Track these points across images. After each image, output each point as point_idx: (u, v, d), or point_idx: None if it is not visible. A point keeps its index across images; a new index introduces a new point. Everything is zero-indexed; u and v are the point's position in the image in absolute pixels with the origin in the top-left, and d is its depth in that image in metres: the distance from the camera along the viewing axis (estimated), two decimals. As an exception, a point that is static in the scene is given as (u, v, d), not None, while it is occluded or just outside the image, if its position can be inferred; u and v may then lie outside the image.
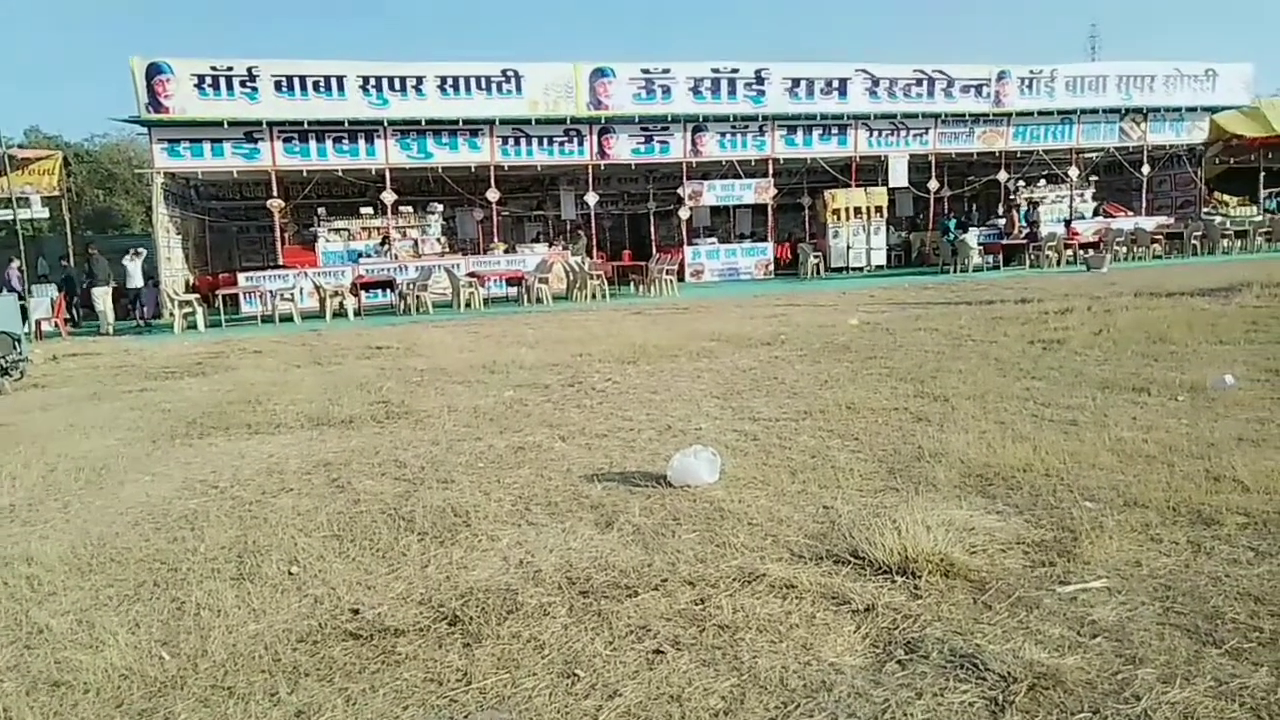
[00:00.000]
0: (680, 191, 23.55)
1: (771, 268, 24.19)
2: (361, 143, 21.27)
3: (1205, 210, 26.99)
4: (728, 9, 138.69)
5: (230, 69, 19.82)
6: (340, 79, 20.54)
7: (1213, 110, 26.66)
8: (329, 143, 21.04)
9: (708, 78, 22.33)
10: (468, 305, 18.45)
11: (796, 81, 23.00)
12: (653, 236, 27.13)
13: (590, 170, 22.76)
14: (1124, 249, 23.19)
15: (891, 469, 4.68)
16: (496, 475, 4.97)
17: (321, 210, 23.24)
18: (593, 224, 24.03)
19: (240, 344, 13.43)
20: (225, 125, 20.06)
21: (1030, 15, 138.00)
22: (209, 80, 19.67)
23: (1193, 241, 23.78)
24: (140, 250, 20.02)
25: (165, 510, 4.67)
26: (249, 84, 19.95)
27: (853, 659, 2.70)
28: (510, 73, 21.29)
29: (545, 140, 22.11)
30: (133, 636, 3.10)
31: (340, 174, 22.07)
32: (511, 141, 21.97)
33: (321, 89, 20.46)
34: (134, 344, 15.16)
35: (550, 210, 28.00)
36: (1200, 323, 9.41)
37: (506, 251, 22.59)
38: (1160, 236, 24.33)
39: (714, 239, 25.79)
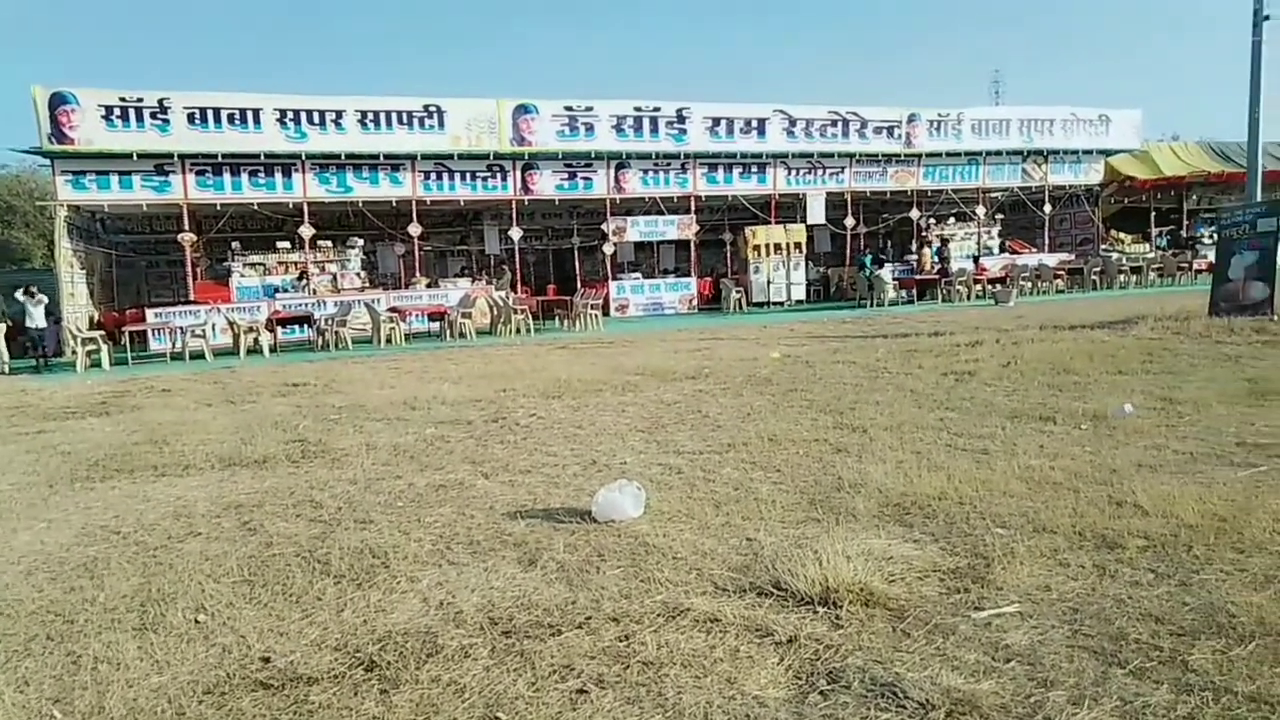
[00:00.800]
0: (604, 227, 23.72)
1: (695, 302, 24.48)
2: (278, 176, 20.84)
3: (1103, 247, 28.43)
4: (648, 54, 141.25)
5: (140, 100, 19.24)
6: (256, 112, 20.14)
7: (1107, 153, 28.20)
8: (244, 176, 20.56)
9: (630, 115, 22.66)
10: (388, 341, 18.13)
11: (717, 121, 23.52)
12: (577, 271, 27.19)
13: (514, 205, 22.77)
14: (1029, 284, 24.22)
15: (813, 500, 4.75)
16: (417, 514, 4.86)
17: (236, 244, 22.62)
18: (517, 259, 23.98)
19: (148, 382, 12.91)
20: (135, 158, 19.43)
21: (938, 61, 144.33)
22: (117, 111, 19.05)
23: (1092, 277, 24.99)
24: (37, 294, 18.72)
25: (62, 558, 4.42)
26: (160, 115, 19.39)
27: (776, 691, 2.71)
28: (432, 108, 21.21)
29: (468, 175, 22.04)
30: (21, 695, 2.91)
31: (256, 207, 21.57)
32: (434, 176, 21.83)
33: (236, 121, 20.02)
34: (32, 383, 14.41)
35: (474, 245, 27.84)
36: (1100, 354, 9.86)
37: (429, 286, 22.34)
38: (1062, 272, 25.50)
39: (638, 274, 26.02)
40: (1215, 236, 17.38)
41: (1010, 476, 4.97)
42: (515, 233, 22.96)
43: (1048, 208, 27.63)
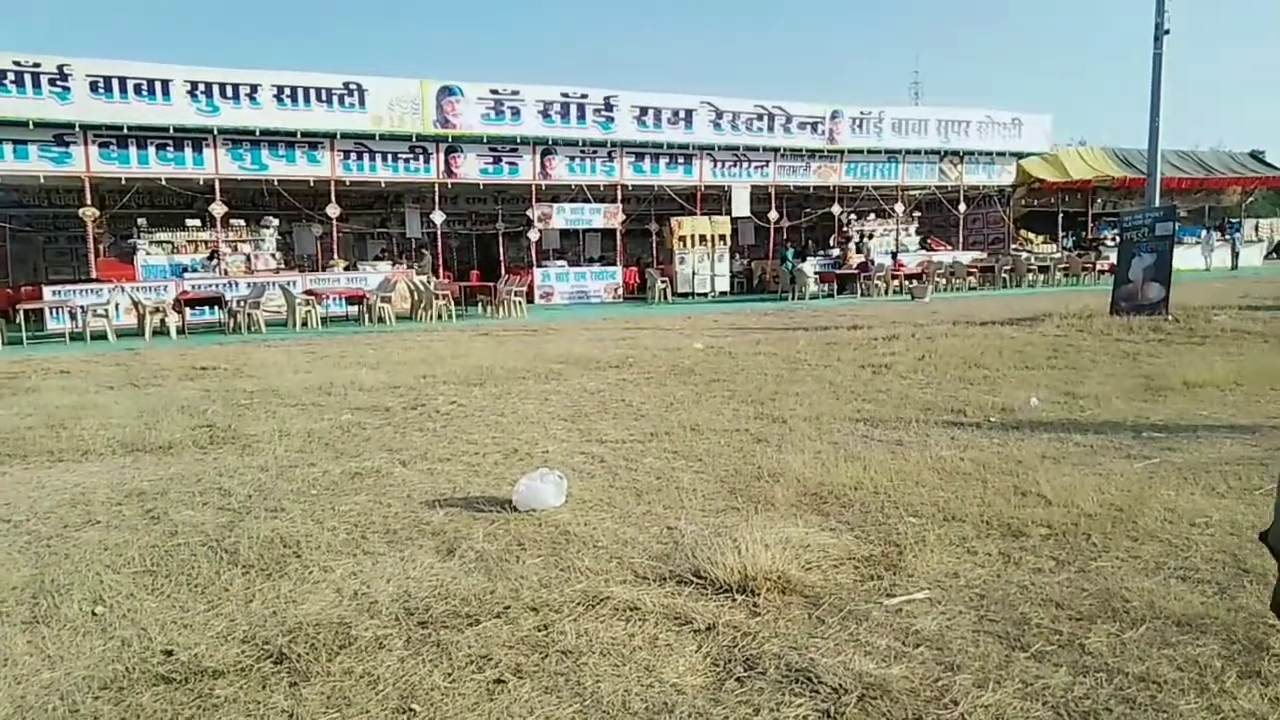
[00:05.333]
0: (529, 213, 23.49)
1: (620, 292, 24.48)
2: (188, 150, 19.97)
3: (1013, 247, 29.47)
4: (581, 38, 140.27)
5: (38, 65, 18.18)
6: (165, 83, 19.25)
7: (1019, 156, 29.21)
8: (151, 149, 19.64)
9: (558, 102, 22.47)
10: (304, 324, 17.63)
11: (644, 110, 23.50)
12: (501, 257, 26.89)
13: (437, 188, 22.36)
14: (944, 280, 24.97)
15: (733, 489, 4.80)
16: (331, 503, 4.74)
17: (142, 221, 21.59)
18: (439, 243, 23.57)
19: (44, 363, 12.25)
20: (31, 126, 18.36)
21: (860, 59, 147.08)
22: (11, 77, 17.97)
23: (1003, 275, 25.90)
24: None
25: (-56, 549, 4.16)
26: (60, 83, 18.36)
27: (694, 679, 2.73)
28: (353, 86, 20.64)
29: (390, 156, 21.54)
30: (-103, 694, 2.73)
31: (164, 183, 20.62)
32: (354, 156, 21.26)
33: (144, 92, 19.10)
34: (-87, 363, 13.53)
35: (395, 228, 27.25)
36: (1009, 349, 10.23)
37: (347, 269, 21.78)
38: (975, 269, 26.34)
39: (564, 262, 25.87)
40: (1117, 239, 18.20)
41: (923, 467, 5.11)
42: (438, 216, 22.56)
43: (963, 207, 28.49)
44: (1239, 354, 9.51)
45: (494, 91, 21.87)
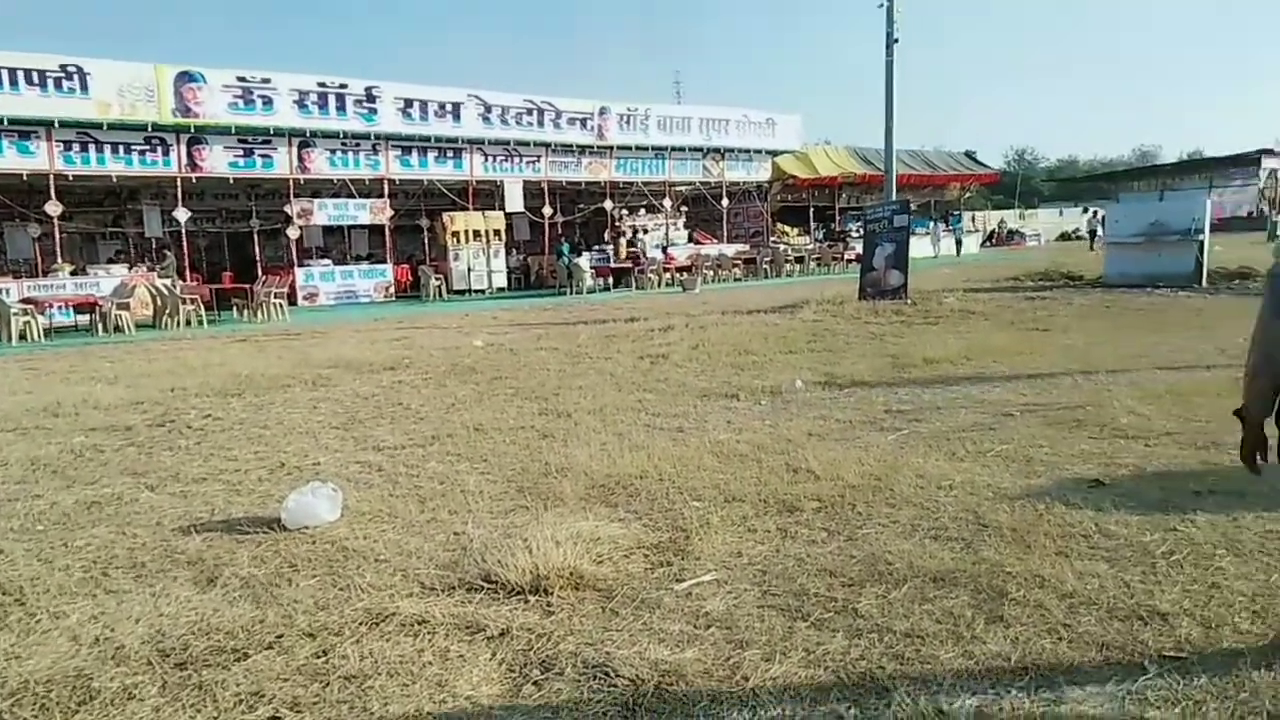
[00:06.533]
0: (288, 209, 21.97)
1: (392, 290, 23.53)
2: None
3: (772, 239, 31.41)
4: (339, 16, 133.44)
5: None
6: None
7: (774, 153, 31.14)
8: None
9: (314, 91, 21.14)
10: (22, 337, 15.46)
11: (409, 102, 22.67)
12: (258, 257, 24.99)
13: (179, 183, 20.33)
14: (712, 272, 26.14)
15: (521, 488, 4.72)
16: (62, 538, 4.16)
17: None
18: (184, 243, 21.47)
19: None
20: None
21: (626, 58, 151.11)
22: None
23: (764, 266, 27.54)
24: None
25: None
26: None
27: (489, 688, 2.64)
28: (72, 68, 18.28)
29: (122, 148, 19.30)
30: None
31: None
32: (77, 147, 18.86)
33: None
34: None
35: (131, 227, 24.55)
36: (774, 336, 10.87)
37: (74, 274, 19.32)
38: (739, 261, 27.82)
39: (329, 260, 24.48)
40: (861, 231, 19.87)
41: (703, 451, 5.29)
42: (181, 213, 20.53)
43: (725, 202, 29.96)
44: (967, 332, 10.67)
45: (241, 79, 20.22)
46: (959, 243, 35.99)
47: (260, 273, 22.05)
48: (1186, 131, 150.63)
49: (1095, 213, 36.23)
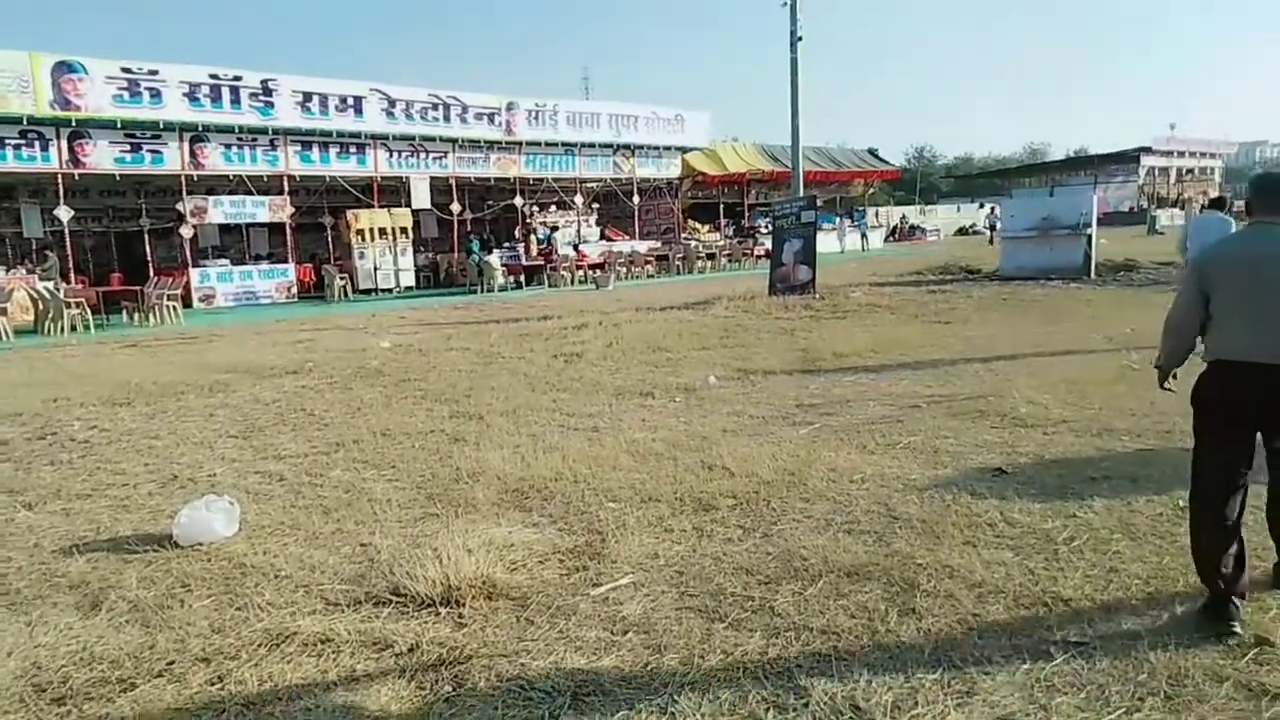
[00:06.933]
0: (180, 207, 20.94)
1: (295, 290, 22.69)
2: None
3: (684, 235, 31.60)
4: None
5: None
6: None
7: (683, 150, 31.29)
8: None
9: (206, 84, 20.17)
10: (-116, 346, 14.33)
11: (309, 96, 21.86)
12: (149, 258, 23.76)
13: (60, 180, 19.16)
14: (624, 269, 26.12)
15: (431, 495, 4.58)
16: (-74, 566, 3.83)
17: None
18: (68, 243, 20.25)
19: None
20: None
21: (532, 54, 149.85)
22: None
23: (676, 262, 27.67)
24: None
25: None
26: None
27: (399, 706, 2.53)
28: (-67, 55, 17.03)
29: (-6, 142, 18.09)
30: None
31: None
32: (-59, 141, 17.60)
33: None
34: None
35: (8, 227, 23.04)
36: (687, 332, 10.90)
37: (-57, 277, 18.03)
38: (652, 258, 27.88)
39: (226, 260, 23.46)
40: (770, 227, 20.13)
41: (619, 451, 5.23)
42: (63, 212, 19.33)
43: (636, 198, 29.97)
44: (874, 326, 10.91)
45: (126, 70, 19.13)
46: (865, 237, 36.91)
47: (152, 274, 21.02)
48: (1073, 129, 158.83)
49: (993, 208, 37.69)
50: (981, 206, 48.59)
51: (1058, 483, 4.29)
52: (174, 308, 17.43)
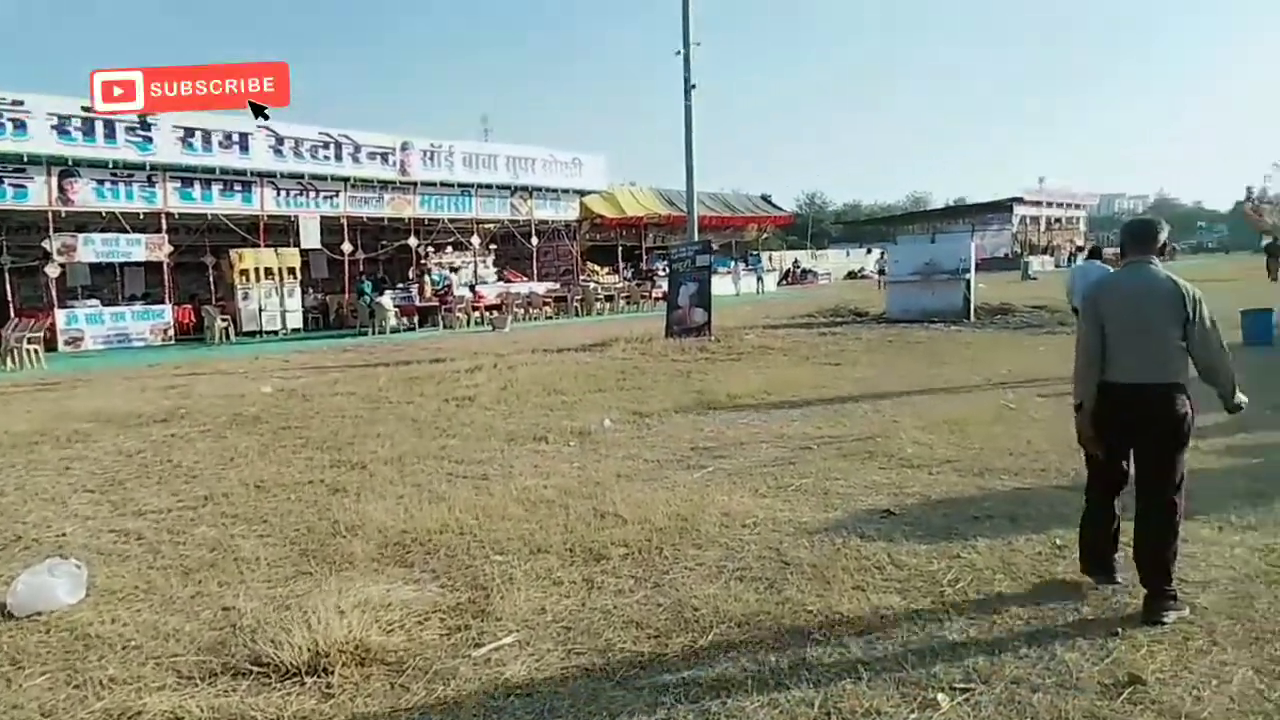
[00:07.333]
0: (46, 245, 19.70)
1: (172, 333, 21.55)
2: None
3: (582, 277, 31.65)
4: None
5: None
6: None
7: (581, 193, 31.48)
8: None
9: (78, 116, 19.18)
10: None
11: (190, 131, 21.01)
12: (10, 298, 22.22)
13: (-92, 214, 17.81)
14: (522, 310, 25.92)
15: (304, 551, 4.31)
16: None
17: None
18: (-86, 282, 18.77)
19: None
20: None
21: (435, 95, 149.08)
22: None
23: (574, 304, 27.66)
24: None
25: None
26: None
27: (253, 794, 2.30)
28: None
29: None
30: None
31: None
32: None
33: None
34: None
35: None
36: (583, 374, 10.80)
37: None
38: (550, 300, 27.79)
39: (96, 301, 22.11)
40: (667, 269, 20.34)
41: (508, 500, 5.07)
42: (-89, 249, 17.96)
43: (534, 240, 29.90)
44: (767, 368, 11.07)
45: (-12, 100, 18.04)
46: (760, 280, 37.78)
47: (12, 314, 19.63)
48: (952, 180, 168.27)
49: (883, 253, 39.23)
50: (869, 252, 50.58)
51: (943, 523, 4.36)
52: (35, 351, 16.28)
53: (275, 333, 22.51)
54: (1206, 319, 3.20)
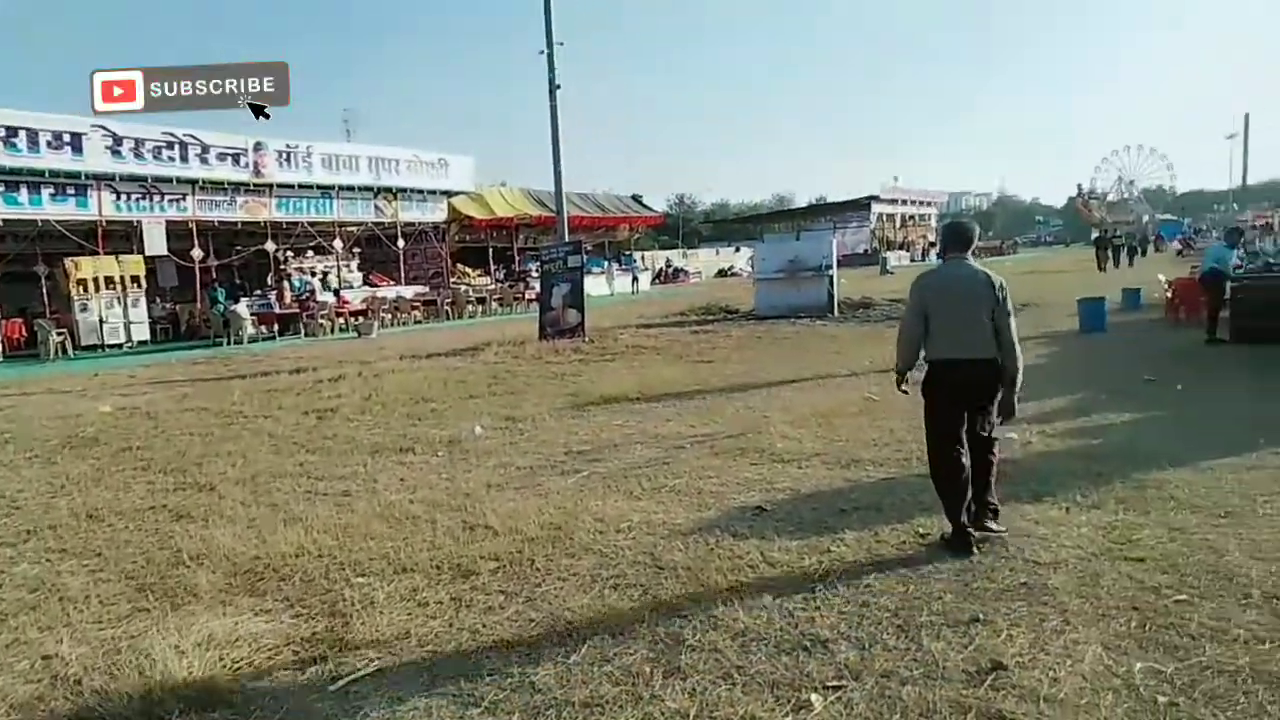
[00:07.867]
0: None
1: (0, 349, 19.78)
2: None
3: (452, 280, 30.95)
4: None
5: None
6: None
7: (449, 194, 30.76)
8: None
9: (-125, 111, 17.29)
10: None
11: (14, 131, 19.26)
12: None
13: None
14: (389, 315, 25.11)
15: (142, 585, 3.95)
16: None
17: None
18: None
19: None
20: None
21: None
22: None
23: (445, 307, 27.01)
24: None
25: None
26: None
27: None
28: None
29: None
30: None
31: None
32: None
33: None
34: None
35: None
36: (454, 380, 10.51)
37: None
38: (419, 303, 27.03)
39: (-94, 317, 20.05)
40: (539, 271, 20.15)
41: (371, 517, 4.82)
42: None
43: (401, 243, 29.03)
44: (641, 367, 11.06)
45: None
46: (635, 280, 38.00)
47: None
48: (815, 179, 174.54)
49: (753, 251, 40.16)
50: (738, 250, 51.69)
51: (813, 516, 4.41)
52: None
53: (119, 346, 20.98)
54: (1008, 306, 3.83)
